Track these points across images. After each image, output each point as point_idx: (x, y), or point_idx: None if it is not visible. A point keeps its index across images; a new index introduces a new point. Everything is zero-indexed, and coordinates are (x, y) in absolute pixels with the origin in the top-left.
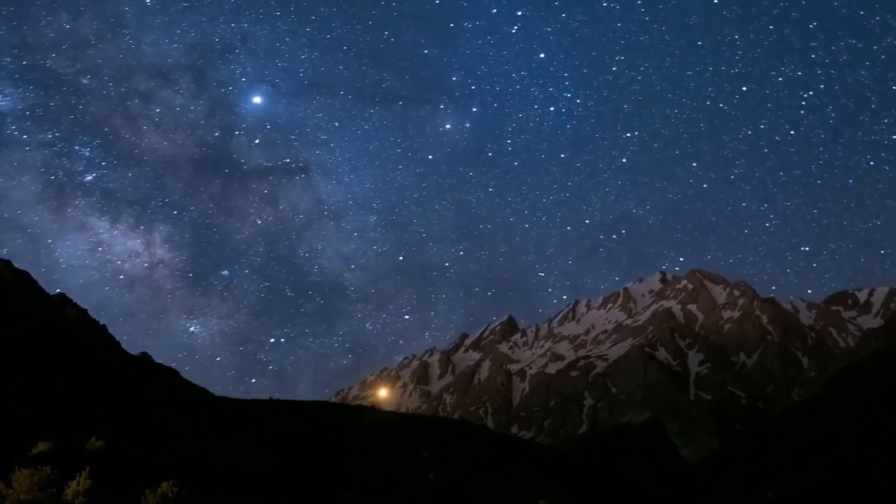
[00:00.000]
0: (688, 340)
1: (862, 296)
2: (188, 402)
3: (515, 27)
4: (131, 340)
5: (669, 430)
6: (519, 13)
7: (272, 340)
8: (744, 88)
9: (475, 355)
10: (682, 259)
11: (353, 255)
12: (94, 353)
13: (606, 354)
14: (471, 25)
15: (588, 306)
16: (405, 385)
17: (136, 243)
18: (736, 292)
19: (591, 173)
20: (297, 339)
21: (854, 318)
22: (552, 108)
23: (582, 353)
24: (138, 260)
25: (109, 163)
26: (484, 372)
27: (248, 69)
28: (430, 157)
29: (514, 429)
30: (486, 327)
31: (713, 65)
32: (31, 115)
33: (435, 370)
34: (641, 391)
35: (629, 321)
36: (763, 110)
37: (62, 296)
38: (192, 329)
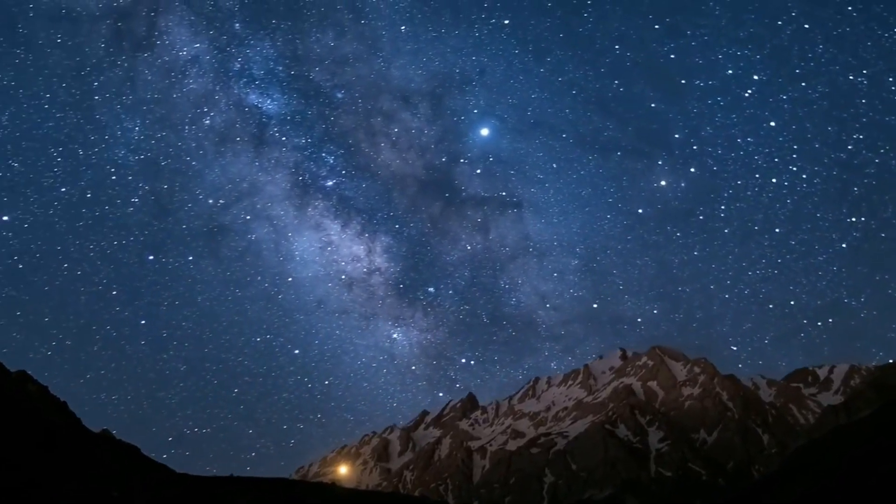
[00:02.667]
0: (648, 417)
1: (822, 373)
2: (148, 479)
3: (749, 91)
4: (343, 336)
5: None
6: (755, 77)
7: (463, 360)
8: None
9: (435, 432)
10: (891, 361)
11: (550, 294)
12: (55, 429)
13: (567, 431)
14: (702, 84)
15: (549, 383)
16: (365, 462)
17: (359, 249)
18: (696, 369)
19: (805, 253)
20: (486, 364)
21: (814, 395)
22: (774, 180)
23: (542, 429)
24: (359, 264)
25: (348, 172)
26: (444, 449)
27: (481, 102)
28: (640, 210)
29: None
30: (447, 404)
31: None
32: (291, 120)
33: (395, 447)
34: (602, 468)
35: (589, 398)
36: None
37: (23, 373)
38: (394, 336)
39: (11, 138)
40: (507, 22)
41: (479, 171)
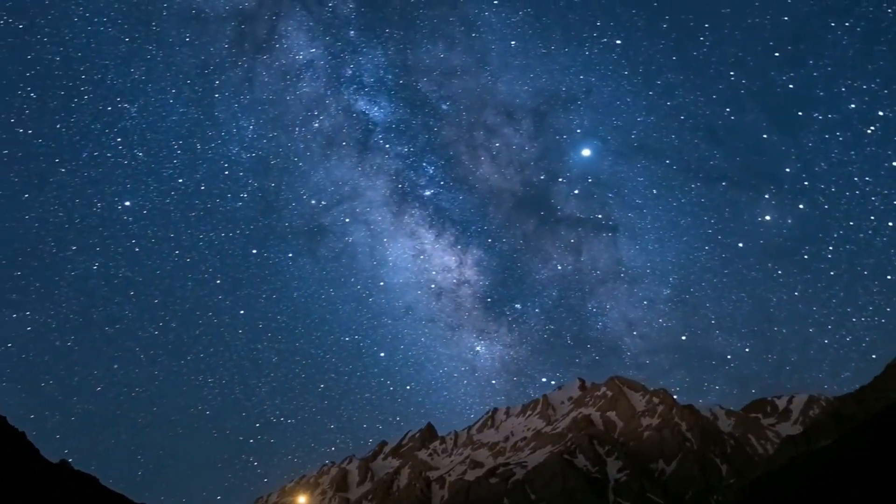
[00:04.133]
0: (607, 447)
1: (781, 403)
2: None
3: (872, 128)
4: (428, 344)
5: None
6: (881, 113)
7: (543, 379)
8: None
9: (394, 462)
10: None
11: (638, 321)
12: (11, 460)
13: (525, 461)
14: (821, 117)
15: (507, 413)
16: (324, 492)
17: (451, 260)
18: (655, 399)
19: None
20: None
21: (773, 425)
22: (891, 224)
23: (501, 460)
24: (449, 275)
25: (447, 183)
26: (403, 479)
27: (585, 122)
28: (741, 244)
29: None
30: (406, 434)
31: None
32: (396, 128)
33: (354, 477)
34: (560, 498)
35: (548, 428)
36: None
37: None
38: (478, 348)
39: (138, 129)
40: (619, 42)
41: (576, 192)
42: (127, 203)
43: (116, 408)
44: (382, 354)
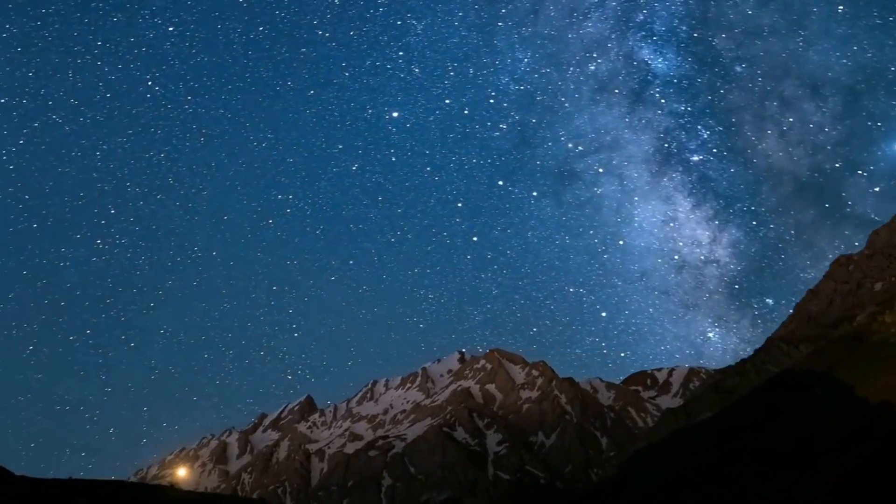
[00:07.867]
0: (486, 420)
1: (661, 376)
2: None
3: None
4: (656, 316)
5: None
6: None
7: None
8: None
9: (274, 435)
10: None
11: None
12: None
13: (405, 434)
14: None
15: (386, 386)
16: (204, 464)
17: (703, 234)
18: (534, 372)
19: None
20: None
21: (653, 398)
22: None
23: (380, 432)
24: (698, 250)
25: (719, 152)
26: (282, 451)
27: None
28: None
29: None
30: (285, 406)
31: None
32: (678, 84)
33: (233, 450)
34: (440, 471)
35: (427, 401)
36: None
37: None
38: (709, 334)
39: (420, 46)
40: None
41: (876, 189)
42: (395, 114)
43: (343, 299)
44: (604, 314)
